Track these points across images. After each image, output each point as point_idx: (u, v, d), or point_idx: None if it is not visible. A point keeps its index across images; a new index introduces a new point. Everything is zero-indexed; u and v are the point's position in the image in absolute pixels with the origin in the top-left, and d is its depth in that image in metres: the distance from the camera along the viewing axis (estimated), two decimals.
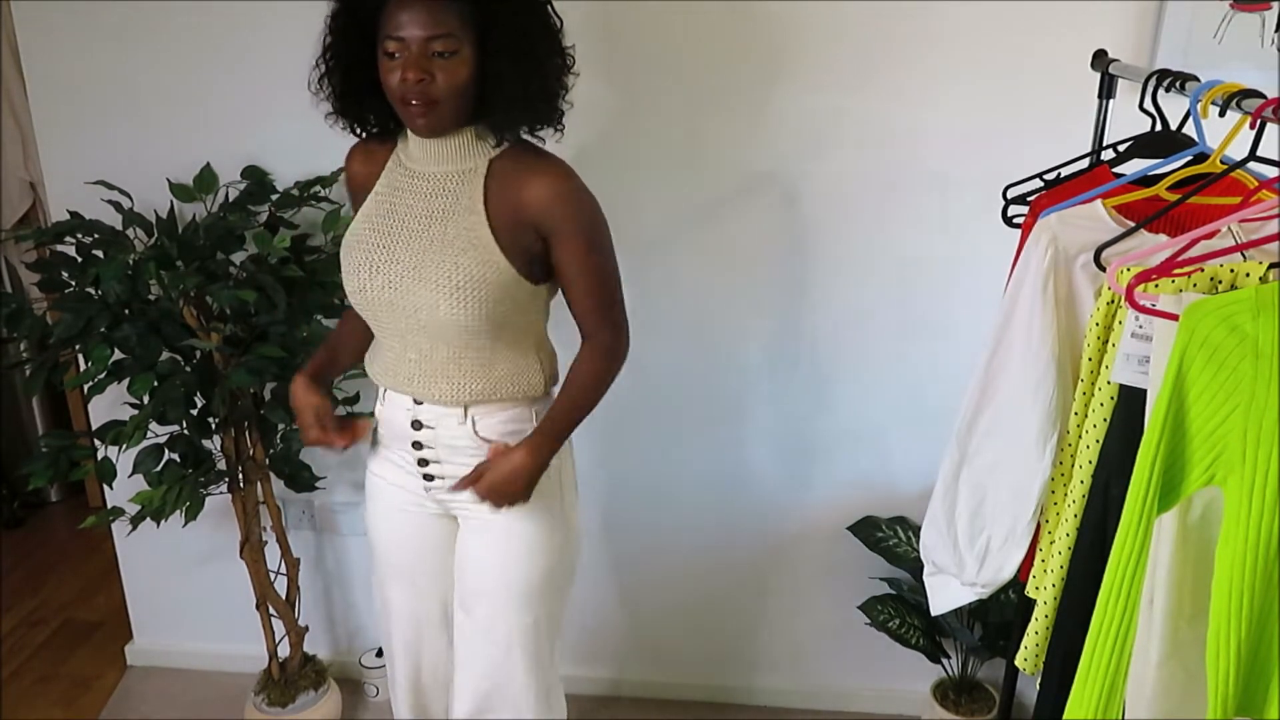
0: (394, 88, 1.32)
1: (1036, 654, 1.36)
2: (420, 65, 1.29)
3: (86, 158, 2.07)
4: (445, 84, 1.30)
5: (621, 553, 2.28)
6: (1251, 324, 0.88)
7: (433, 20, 1.28)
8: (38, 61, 2.05)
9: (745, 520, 2.22)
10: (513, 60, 1.32)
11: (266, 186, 1.98)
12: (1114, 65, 1.51)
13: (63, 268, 1.88)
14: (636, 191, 1.99)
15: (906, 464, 2.11)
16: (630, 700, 2.38)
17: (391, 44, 1.30)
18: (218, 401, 1.85)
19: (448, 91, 1.31)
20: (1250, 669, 0.90)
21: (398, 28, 1.28)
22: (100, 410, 2.14)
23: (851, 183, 1.94)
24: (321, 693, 2.25)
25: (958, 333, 1.98)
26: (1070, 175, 1.46)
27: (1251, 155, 1.14)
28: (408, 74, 1.29)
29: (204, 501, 1.94)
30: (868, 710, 2.33)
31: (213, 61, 2.00)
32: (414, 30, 1.28)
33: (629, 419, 2.16)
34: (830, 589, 2.24)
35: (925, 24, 1.82)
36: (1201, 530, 0.96)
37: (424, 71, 1.29)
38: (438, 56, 1.29)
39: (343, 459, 2.27)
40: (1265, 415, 0.86)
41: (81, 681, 2.50)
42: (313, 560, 2.38)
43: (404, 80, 1.29)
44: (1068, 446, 1.31)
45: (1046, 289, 1.28)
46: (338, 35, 1.37)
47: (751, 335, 2.08)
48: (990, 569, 1.43)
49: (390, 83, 1.32)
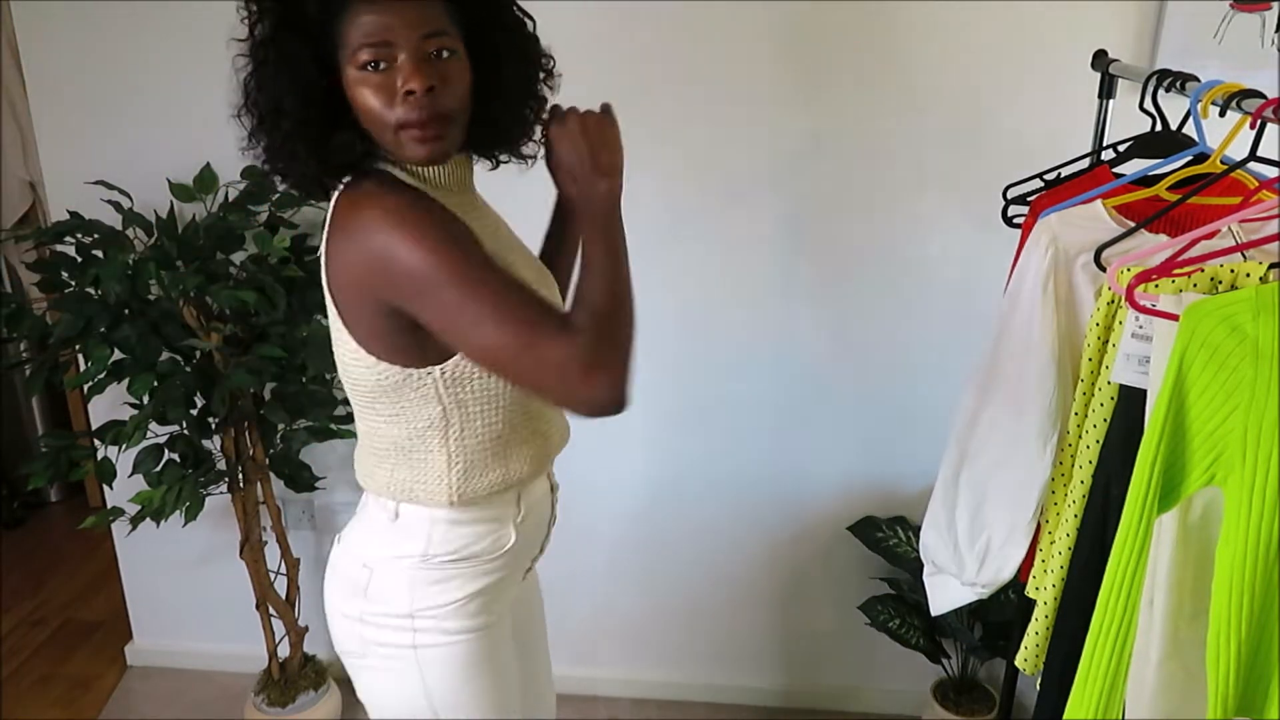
0: (382, 109, 1.01)
1: (1036, 654, 1.36)
2: (423, 71, 1.00)
3: (86, 158, 2.07)
4: (456, 90, 1.03)
5: (620, 553, 2.28)
6: (1251, 324, 0.87)
7: (421, 16, 1.00)
8: (38, 61, 2.05)
9: (745, 520, 2.22)
10: (512, 63, 1.10)
11: (266, 186, 1.98)
12: (1114, 65, 1.51)
13: (63, 268, 1.88)
14: (635, 192, 1.98)
15: (906, 464, 2.11)
16: (630, 700, 2.38)
17: (368, 51, 0.99)
18: (218, 401, 1.85)
19: (459, 103, 1.04)
20: (1250, 669, 0.90)
21: (373, 30, 0.99)
22: (100, 410, 2.14)
23: (850, 183, 1.94)
24: (321, 693, 2.25)
25: (958, 333, 1.98)
26: (1070, 175, 1.46)
27: (1251, 155, 1.14)
28: (412, 83, 0.99)
29: (204, 501, 1.94)
30: (868, 710, 2.33)
31: (213, 61, 1.99)
32: (402, 30, 0.99)
33: (626, 420, 2.16)
34: (830, 589, 2.24)
35: (925, 24, 1.82)
36: (1201, 530, 0.96)
37: (430, 78, 1.00)
38: (436, 59, 1.02)
39: (341, 459, 2.27)
40: (1265, 415, 0.86)
41: (81, 681, 2.49)
42: (313, 560, 2.38)
43: (407, 94, 1.00)
44: (1068, 446, 1.31)
45: (1046, 289, 1.28)
46: (281, 62, 1.03)
47: (750, 335, 2.07)
48: (990, 569, 1.43)
49: (372, 103, 1.01)
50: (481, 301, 0.99)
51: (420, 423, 1.13)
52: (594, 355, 1.01)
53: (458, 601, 1.18)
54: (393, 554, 1.18)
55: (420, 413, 1.12)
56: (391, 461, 1.16)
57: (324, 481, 2.19)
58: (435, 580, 1.17)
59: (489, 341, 1.00)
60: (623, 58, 1.90)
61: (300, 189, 1.11)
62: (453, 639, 1.19)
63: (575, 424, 1.45)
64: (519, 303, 1.00)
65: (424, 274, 0.98)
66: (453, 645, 1.19)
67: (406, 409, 1.12)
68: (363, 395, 1.14)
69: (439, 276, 0.98)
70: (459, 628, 1.19)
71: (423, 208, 1.02)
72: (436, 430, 1.13)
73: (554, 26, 1.20)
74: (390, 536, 1.18)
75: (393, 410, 1.13)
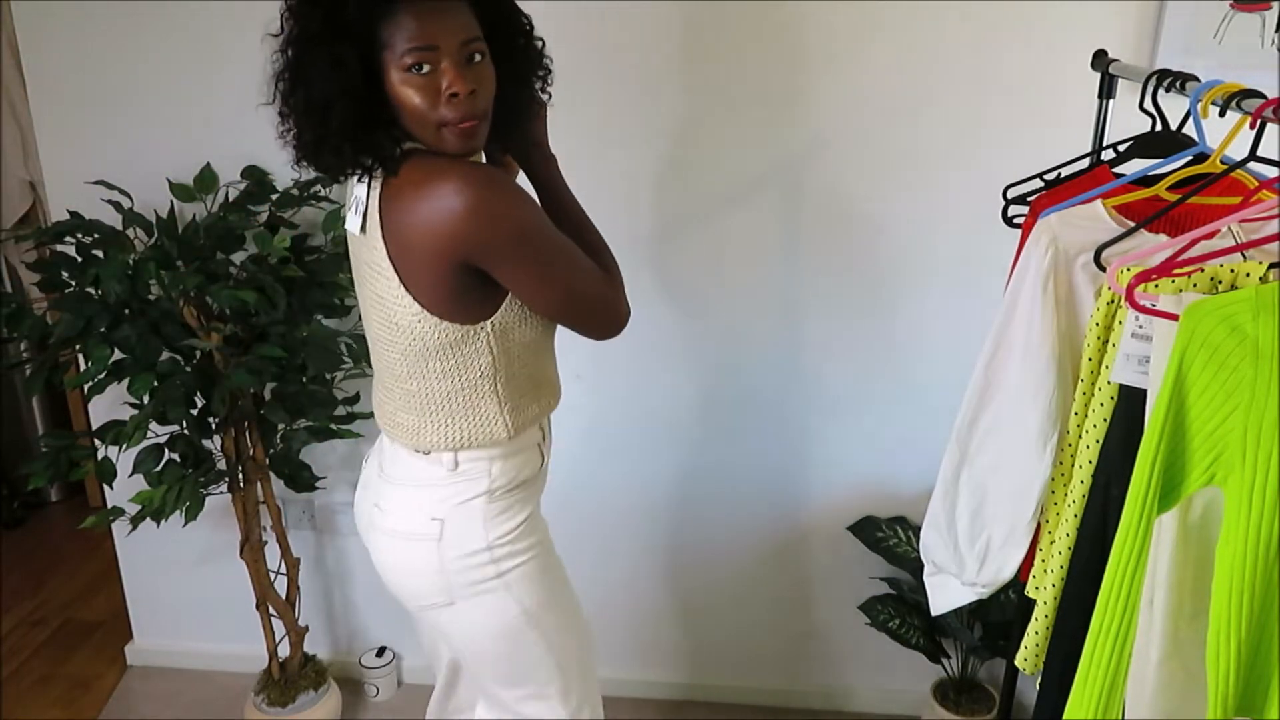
0: (427, 108, 1.12)
1: (1036, 654, 1.36)
2: (465, 74, 1.11)
3: (86, 158, 2.08)
4: (489, 90, 1.16)
5: (619, 553, 2.28)
6: (1251, 324, 0.87)
7: (459, 22, 1.11)
8: (38, 61, 2.05)
9: (745, 520, 2.22)
10: (524, 63, 1.24)
11: (266, 186, 1.98)
12: (1114, 65, 1.51)
13: (63, 268, 1.88)
14: (634, 191, 1.99)
15: (906, 464, 2.11)
16: (629, 700, 2.38)
17: (414, 55, 1.10)
18: (218, 401, 1.85)
19: (490, 102, 1.17)
20: (1250, 669, 0.90)
21: (421, 34, 1.09)
22: (100, 410, 2.14)
23: (849, 183, 1.94)
24: (321, 693, 2.25)
25: (957, 333, 1.98)
26: (1070, 175, 1.46)
27: (1251, 155, 1.13)
28: (456, 86, 1.11)
29: (204, 501, 1.94)
30: (868, 710, 2.33)
31: (213, 61, 2.00)
32: (445, 36, 1.10)
33: (628, 422, 2.16)
34: (830, 589, 2.24)
35: (925, 23, 1.82)
36: (1201, 530, 0.96)
37: (472, 82, 1.12)
38: (472, 62, 1.13)
39: (341, 459, 2.27)
40: (1265, 415, 0.86)
41: (81, 681, 2.50)
42: (313, 560, 2.38)
43: (452, 96, 1.11)
44: (1068, 446, 1.31)
45: (1046, 289, 1.28)
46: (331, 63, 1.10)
47: (750, 336, 2.07)
48: (990, 569, 1.43)
49: (417, 103, 1.12)
50: (571, 256, 1.23)
51: (474, 373, 1.27)
52: (622, 294, 1.31)
53: (522, 524, 1.36)
54: (461, 499, 1.32)
55: (474, 364, 1.26)
56: (446, 415, 1.30)
57: (324, 481, 2.19)
58: (500, 511, 1.34)
59: (577, 290, 1.24)
60: (624, 56, 1.90)
61: (329, 173, 1.21)
62: (528, 556, 1.37)
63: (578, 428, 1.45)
64: (585, 260, 1.25)
65: (522, 231, 1.16)
66: (530, 561, 1.37)
67: (461, 362, 1.26)
68: (419, 355, 1.26)
69: (536, 235, 1.18)
70: (528, 545, 1.37)
71: (501, 175, 1.18)
72: (488, 378, 1.28)
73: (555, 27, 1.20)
74: (454, 485, 1.32)
75: (448, 366, 1.26)
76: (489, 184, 1.14)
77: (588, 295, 1.26)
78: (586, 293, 1.25)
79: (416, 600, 1.39)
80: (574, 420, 2.13)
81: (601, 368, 2.10)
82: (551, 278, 1.21)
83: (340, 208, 1.99)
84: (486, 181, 1.14)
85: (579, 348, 1.45)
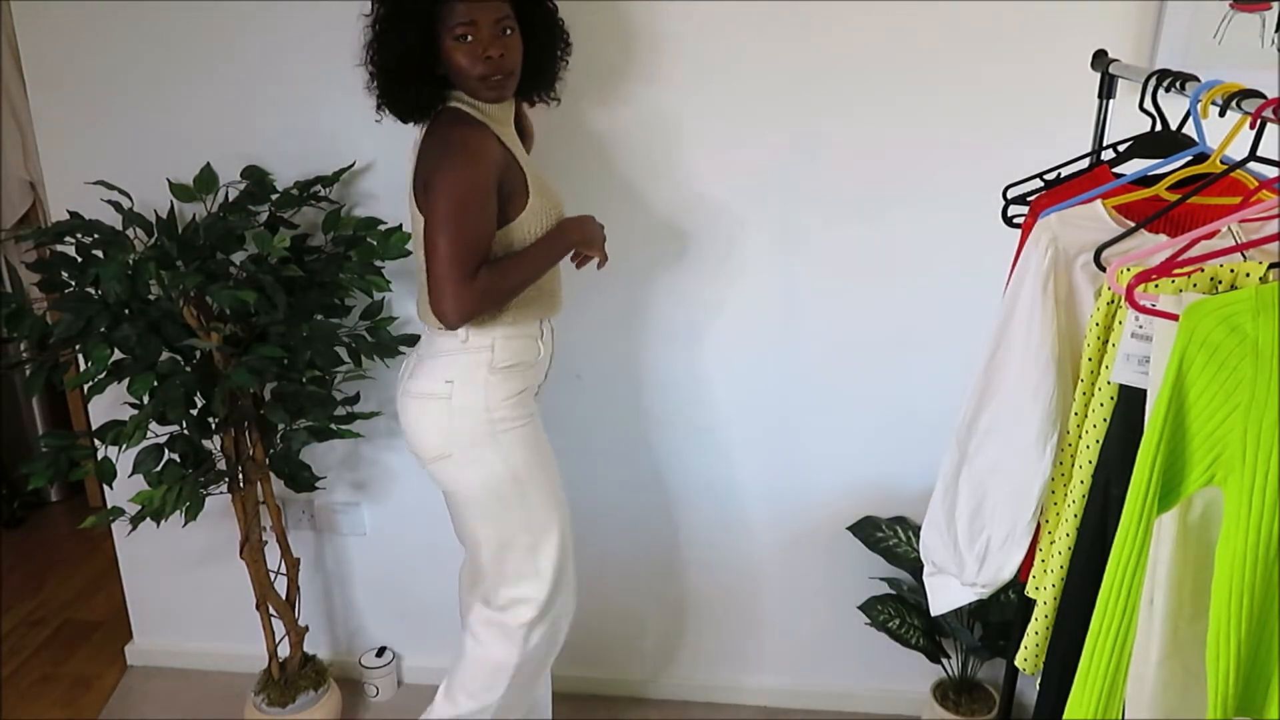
0: (470, 66, 1.53)
1: (1036, 654, 1.36)
2: (497, 42, 1.53)
3: (86, 158, 2.08)
4: (515, 55, 1.57)
5: (620, 553, 2.28)
6: (1251, 324, 0.87)
7: (494, 6, 1.54)
8: (38, 61, 2.05)
9: (745, 520, 2.22)
10: (548, 34, 1.63)
11: (266, 186, 1.98)
12: (1114, 65, 1.51)
13: (63, 268, 1.88)
14: (634, 192, 1.99)
15: (906, 464, 2.11)
16: (629, 700, 2.38)
17: (461, 28, 1.52)
18: (218, 401, 1.85)
19: (517, 64, 1.58)
20: (1250, 669, 0.90)
21: (466, 14, 1.51)
22: (100, 410, 2.14)
23: (848, 183, 1.94)
24: (321, 693, 2.25)
25: (957, 333, 1.97)
26: (1070, 175, 1.46)
27: (1251, 155, 1.13)
28: (490, 51, 1.53)
29: (204, 501, 1.94)
30: (868, 710, 2.33)
31: (213, 61, 2.00)
32: (482, 15, 1.52)
33: (628, 420, 2.16)
34: (830, 589, 2.24)
35: (924, 23, 1.82)
36: (1201, 530, 0.96)
37: (501, 48, 1.53)
38: (504, 34, 1.54)
39: (341, 459, 2.27)
40: (1265, 415, 0.86)
41: (81, 681, 2.50)
42: (313, 560, 2.38)
43: (487, 58, 1.53)
44: (1068, 446, 1.31)
45: (1046, 289, 1.28)
46: (392, 31, 1.54)
47: (750, 335, 2.07)
48: (990, 569, 1.43)
49: (463, 63, 1.54)
50: (458, 227, 1.51)
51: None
52: (471, 305, 1.53)
53: (517, 394, 1.68)
54: (468, 366, 1.66)
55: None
56: None
57: (324, 481, 2.19)
58: (500, 380, 1.66)
59: (442, 254, 1.50)
60: (625, 55, 1.90)
61: (401, 116, 1.63)
62: (520, 423, 1.68)
63: (578, 427, 1.46)
64: (469, 245, 1.52)
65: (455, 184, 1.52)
66: (522, 427, 1.69)
67: None
68: None
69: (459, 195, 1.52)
70: (521, 414, 1.69)
71: (478, 146, 1.55)
72: None
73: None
74: (464, 356, 1.65)
75: None
76: (463, 148, 1.54)
77: (440, 267, 1.51)
78: (440, 265, 1.51)
79: (428, 452, 1.69)
80: (573, 420, 2.14)
81: (601, 367, 2.10)
82: (441, 228, 1.51)
83: (340, 207, 2.02)
84: (463, 146, 1.55)
85: (579, 347, 1.45)
